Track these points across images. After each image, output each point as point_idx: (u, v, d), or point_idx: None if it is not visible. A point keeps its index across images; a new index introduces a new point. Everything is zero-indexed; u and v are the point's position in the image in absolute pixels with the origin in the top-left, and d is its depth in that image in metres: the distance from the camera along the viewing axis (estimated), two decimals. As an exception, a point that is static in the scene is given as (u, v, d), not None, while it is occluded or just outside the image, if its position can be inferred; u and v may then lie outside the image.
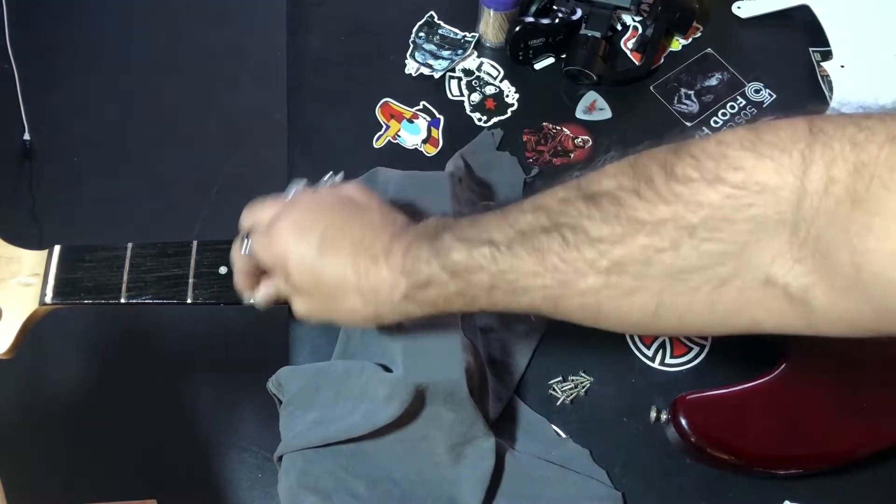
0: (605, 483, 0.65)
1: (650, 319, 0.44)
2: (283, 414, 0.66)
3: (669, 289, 0.42)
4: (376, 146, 0.82)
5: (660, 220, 0.40)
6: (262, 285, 0.59)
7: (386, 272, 0.51)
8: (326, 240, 0.53)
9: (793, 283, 0.39)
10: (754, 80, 0.85)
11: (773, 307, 0.40)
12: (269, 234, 0.55)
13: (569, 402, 0.69)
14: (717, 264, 0.40)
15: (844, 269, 0.36)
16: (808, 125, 0.38)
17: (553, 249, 0.44)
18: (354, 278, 0.52)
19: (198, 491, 1.50)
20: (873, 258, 0.35)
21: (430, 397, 0.62)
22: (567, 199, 0.45)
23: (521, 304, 0.48)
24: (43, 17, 1.96)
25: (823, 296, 0.38)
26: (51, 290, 0.61)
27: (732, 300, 0.41)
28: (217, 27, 1.96)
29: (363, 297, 0.52)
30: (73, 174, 1.77)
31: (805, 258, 0.38)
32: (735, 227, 0.39)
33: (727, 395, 0.63)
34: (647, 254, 0.41)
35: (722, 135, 0.41)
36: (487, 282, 0.47)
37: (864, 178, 0.35)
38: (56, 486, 1.49)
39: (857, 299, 0.37)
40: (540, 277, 0.45)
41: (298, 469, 0.63)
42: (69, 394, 1.57)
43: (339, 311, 0.54)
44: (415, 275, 0.50)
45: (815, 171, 0.37)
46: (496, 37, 0.86)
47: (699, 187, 0.40)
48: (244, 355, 1.53)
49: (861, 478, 0.66)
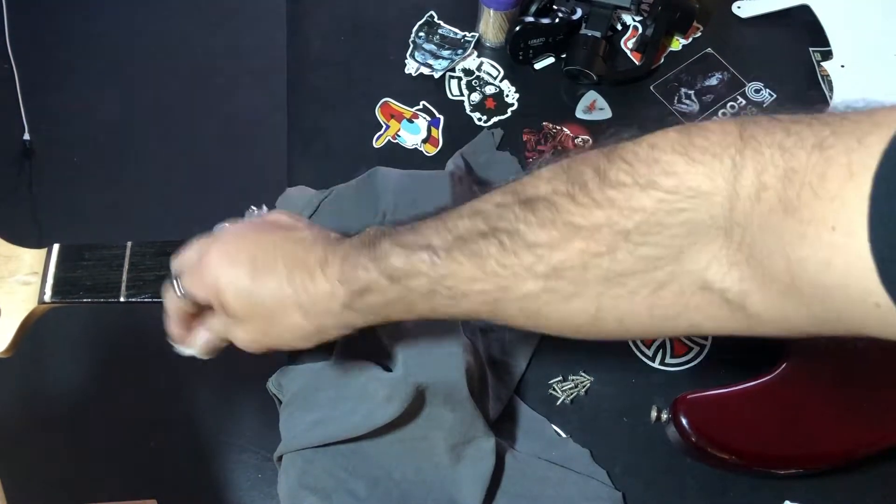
0: (605, 483, 0.65)
1: (591, 323, 0.44)
2: (283, 414, 0.66)
3: (608, 293, 0.42)
4: (376, 146, 0.82)
5: (595, 225, 0.41)
6: (198, 330, 0.57)
7: (323, 282, 0.50)
8: (258, 261, 0.52)
9: (729, 289, 0.39)
10: (754, 80, 0.85)
11: (711, 311, 0.40)
12: (199, 267, 0.53)
13: (569, 402, 0.69)
14: (653, 268, 0.40)
15: (779, 275, 0.37)
16: (739, 130, 0.39)
17: (491, 254, 0.44)
18: (292, 292, 0.50)
19: (198, 491, 1.50)
20: (807, 266, 0.35)
21: (430, 397, 0.62)
22: (504, 203, 0.45)
23: (461, 309, 0.47)
24: (43, 17, 1.96)
25: (760, 301, 0.38)
26: (50, 289, 0.61)
27: (670, 304, 0.41)
28: (217, 27, 1.96)
29: (303, 310, 0.51)
30: (72, 174, 1.76)
31: (740, 263, 0.38)
32: (669, 231, 0.39)
33: (727, 394, 0.63)
34: (584, 258, 0.41)
35: (654, 138, 0.41)
36: (427, 287, 0.47)
37: (794, 186, 0.35)
38: (56, 486, 1.49)
39: (793, 305, 0.37)
40: (479, 283, 0.45)
41: (298, 469, 0.63)
42: (69, 394, 1.57)
43: (282, 331, 0.52)
44: (353, 282, 0.49)
45: (747, 176, 0.37)
46: (496, 36, 0.86)
47: (632, 192, 0.40)
48: (244, 355, 1.53)
49: (861, 478, 0.66)
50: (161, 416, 1.54)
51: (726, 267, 0.39)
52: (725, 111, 0.84)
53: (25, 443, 1.51)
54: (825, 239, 0.34)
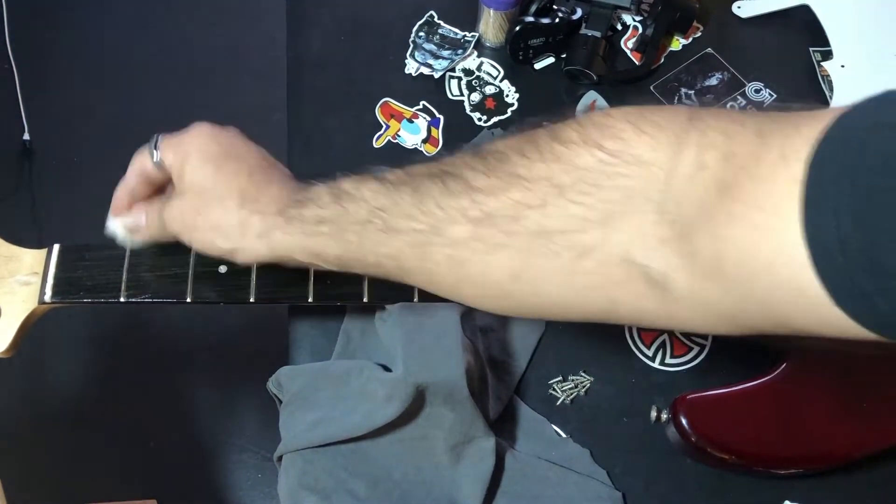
0: (605, 483, 0.65)
1: (510, 283, 0.44)
2: (283, 414, 0.66)
3: (533, 249, 0.42)
4: (376, 146, 0.82)
5: (536, 176, 0.42)
6: (138, 208, 0.59)
7: (276, 186, 0.52)
8: (233, 152, 0.54)
9: (653, 266, 0.39)
10: (754, 80, 0.85)
11: (632, 289, 0.40)
12: (181, 135, 0.56)
13: (569, 402, 0.69)
14: (579, 230, 0.40)
15: (707, 255, 0.37)
16: (689, 113, 0.40)
17: (432, 194, 0.45)
18: (243, 185, 0.52)
19: (198, 491, 1.50)
20: (733, 246, 0.35)
21: (430, 397, 0.62)
22: (461, 155, 0.46)
23: (389, 247, 0.47)
24: (43, 17, 1.96)
25: (683, 281, 0.38)
26: (50, 289, 0.61)
27: (592, 272, 0.41)
28: (217, 27, 1.96)
29: (240, 200, 0.52)
30: (73, 174, 1.76)
31: (669, 241, 0.38)
32: (602, 193, 0.40)
33: (727, 394, 0.63)
34: (518, 209, 0.42)
35: (611, 109, 0.43)
36: (364, 216, 0.47)
37: (731, 168, 0.36)
38: (56, 486, 1.49)
39: (717, 288, 0.37)
40: (414, 220, 0.45)
41: (298, 469, 0.63)
42: (69, 394, 1.57)
43: (209, 215, 0.53)
44: (298, 192, 0.51)
45: (688, 154, 0.38)
46: (496, 36, 0.86)
47: (577, 149, 0.41)
48: (244, 355, 1.53)
49: (861, 478, 0.66)
50: (161, 416, 1.54)
51: (653, 242, 0.39)
52: (725, 111, 0.84)
53: (25, 443, 1.51)
54: (754, 219, 0.34)
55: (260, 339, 1.37)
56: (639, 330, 0.71)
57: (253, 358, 1.46)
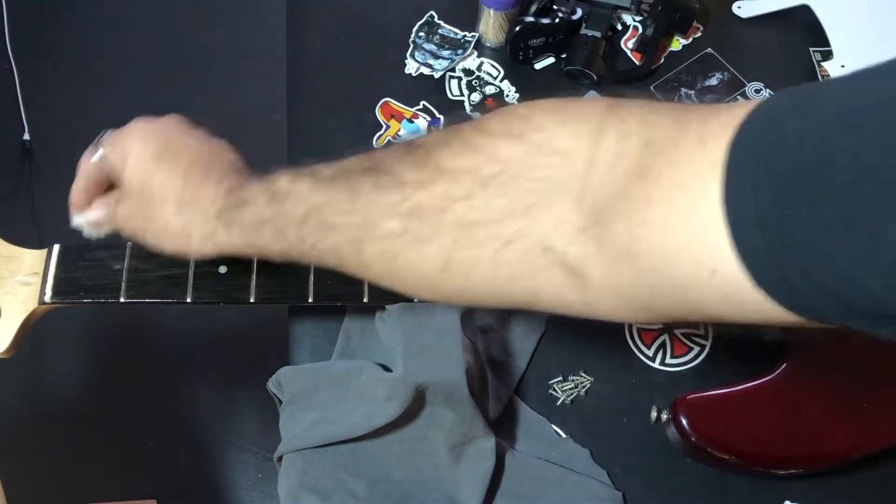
0: (605, 483, 0.65)
1: (439, 274, 0.44)
2: (283, 414, 0.66)
3: (460, 241, 0.42)
4: (376, 146, 0.82)
5: (460, 169, 0.42)
6: (95, 203, 0.59)
7: (213, 186, 0.52)
8: (169, 147, 0.54)
9: (570, 253, 0.39)
10: (755, 80, 0.85)
11: (552, 277, 0.41)
12: (119, 134, 0.57)
13: (569, 402, 0.69)
14: (503, 220, 0.41)
15: (621, 239, 0.37)
16: (608, 103, 0.41)
17: (365, 189, 0.45)
18: (180, 185, 0.52)
19: (198, 491, 1.50)
20: (650, 230, 0.36)
21: (430, 397, 0.62)
22: (393, 148, 0.46)
23: (327, 244, 0.48)
24: (43, 17, 1.96)
25: (598, 268, 0.39)
26: (50, 290, 0.61)
27: (515, 262, 0.41)
28: (217, 27, 1.96)
29: (179, 205, 0.52)
30: (73, 174, 1.76)
31: (587, 228, 0.39)
32: (525, 185, 0.40)
33: (728, 394, 0.63)
34: (444, 202, 0.42)
35: (534, 102, 0.43)
36: (301, 214, 0.48)
37: (650, 154, 0.36)
38: (56, 486, 1.49)
39: (630, 273, 0.37)
40: (348, 215, 0.46)
41: (298, 469, 0.63)
42: (69, 394, 1.57)
43: (154, 219, 0.54)
44: (237, 192, 0.51)
45: (606, 143, 0.38)
46: (496, 36, 0.86)
47: (500, 141, 0.41)
48: (244, 355, 1.53)
49: (861, 478, 0.66)
50: (161, 416, 1.54)
51: (573, 231, 0.39)
52: (725, 111, 0.84)
53: (25, 443, 1.51)
54: (671, 201, 0.35)
55: (260, 339, 1.37)
56: (639, 330, 0.71)
57: (253, 358, 1.46)
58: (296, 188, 0.48)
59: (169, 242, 0.54)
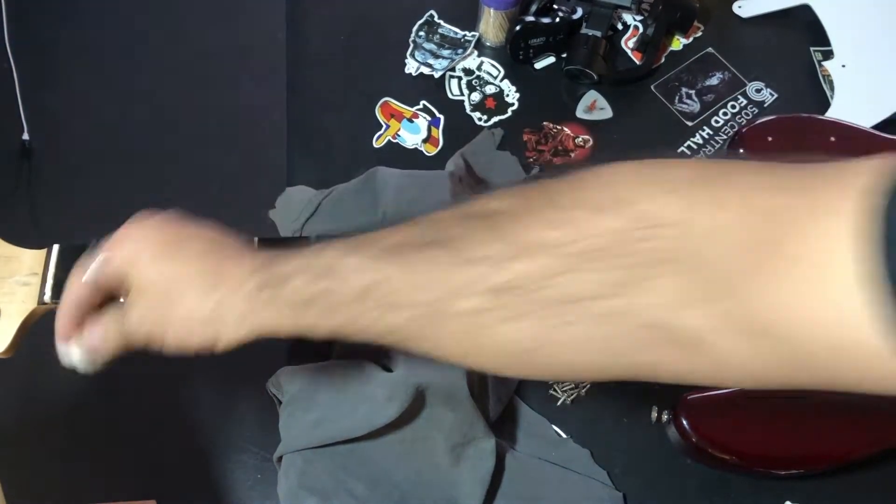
0: (605, 483, 0.65)
1: (531, 353, 0.41)
2: (283, 414, 0.66)
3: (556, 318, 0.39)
4: (376, 146, 0.82)
5: (553, 243, 0.39)
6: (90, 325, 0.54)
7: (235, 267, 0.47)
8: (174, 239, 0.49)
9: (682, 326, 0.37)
10: (755, 80, 0.85)
11: (658, 351, 0.38)
12: (115, 239, 0.52)
13: (569, 402, 0.69)
14: (605, 296, 0.38)
15: (741, 313, 0.35)
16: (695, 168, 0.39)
17: (434, 265, 0.41)
18: (201, 270, 0.47)
19: (197, 491, 1.50)
20: (776, 302, 0.34)
21: (430, 398, 0.62)
22: (459, 215, 0.42)
23: (384, 323, 0.43)
24: (43, 17, 1.96)
25: (714, 341, 0.36)
26: (49, 290, 0.61)
27: (617, 338, 0.39)
28: (217, 27, 1.96)
29: (205, 290, 0.47)
30: (72, 174, 1.76)
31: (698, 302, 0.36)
32: (625, 259, 0.37)
33: (728, 395, 0.63)
34: (538, 280, 0.39)
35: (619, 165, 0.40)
36: (356, 292, 0.43)
37: (766, 224, 0.34)
38: (56, 486, 1.48)
39: (749, 346, 0.35)
40: (415, 293, 0.41)
41: (298, 469, 0.63)
42: (69, 394, 1.56)
43: (174, 315, 0.48)
44: (270, 267, 0.46)
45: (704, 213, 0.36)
46: (496, 36, 0.86)
47: (593, 215, 0.38)
48: (244, 355, 1.53)
49: (861, 478, 0.66)
50: (161, 416, 1.54)
51: (683, 304, 0.37)
52: (726, 111, 0.84)
53: (25, 443, 1.50)
54: (800, 274, 0.33)
55: (260, 339, 1.37)
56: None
57: (253, 358, 1.46)
58: (346, 263, 0.43)
59: (197, 334, 0.48)
